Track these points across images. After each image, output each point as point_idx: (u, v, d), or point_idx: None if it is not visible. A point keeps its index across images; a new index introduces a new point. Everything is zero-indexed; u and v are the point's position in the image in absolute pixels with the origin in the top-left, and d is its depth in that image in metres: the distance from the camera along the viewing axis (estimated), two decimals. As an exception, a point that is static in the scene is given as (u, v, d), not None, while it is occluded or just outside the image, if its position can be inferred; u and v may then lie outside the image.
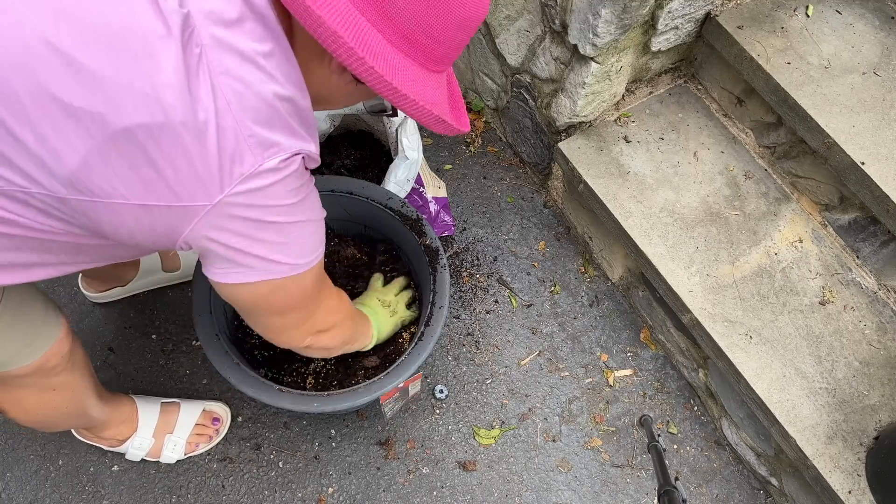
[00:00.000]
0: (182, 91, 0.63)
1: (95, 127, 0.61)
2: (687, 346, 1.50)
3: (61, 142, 0.62)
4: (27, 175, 0.63)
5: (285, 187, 0.73)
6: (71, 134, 0.61)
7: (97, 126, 0.61)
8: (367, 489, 1.39)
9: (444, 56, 0.78)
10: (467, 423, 1.48)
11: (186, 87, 0.63)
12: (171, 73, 0.62)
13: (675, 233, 1.41)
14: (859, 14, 1.45)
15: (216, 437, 1.39)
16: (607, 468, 1.46)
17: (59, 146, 0.62)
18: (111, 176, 0.64)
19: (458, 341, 1.56)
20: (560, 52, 1.40)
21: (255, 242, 0.75)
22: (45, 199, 0.66)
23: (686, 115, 1.55)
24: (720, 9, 1.39)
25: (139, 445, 1.32)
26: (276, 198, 0.73)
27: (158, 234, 0.71)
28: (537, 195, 1.77)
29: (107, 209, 0.67)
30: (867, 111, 1.32)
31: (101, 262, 0.85)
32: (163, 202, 0.67)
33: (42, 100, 0.60)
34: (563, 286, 1.66)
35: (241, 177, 0.68)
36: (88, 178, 0.64)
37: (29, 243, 0.72)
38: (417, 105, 0.75)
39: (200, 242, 0.72)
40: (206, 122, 0.64)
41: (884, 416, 1.26)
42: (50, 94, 0.60)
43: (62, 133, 0.61)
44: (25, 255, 0.73)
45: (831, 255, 1.41)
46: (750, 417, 1.39)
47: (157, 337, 1.51)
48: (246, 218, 0.71)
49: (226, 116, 0.65)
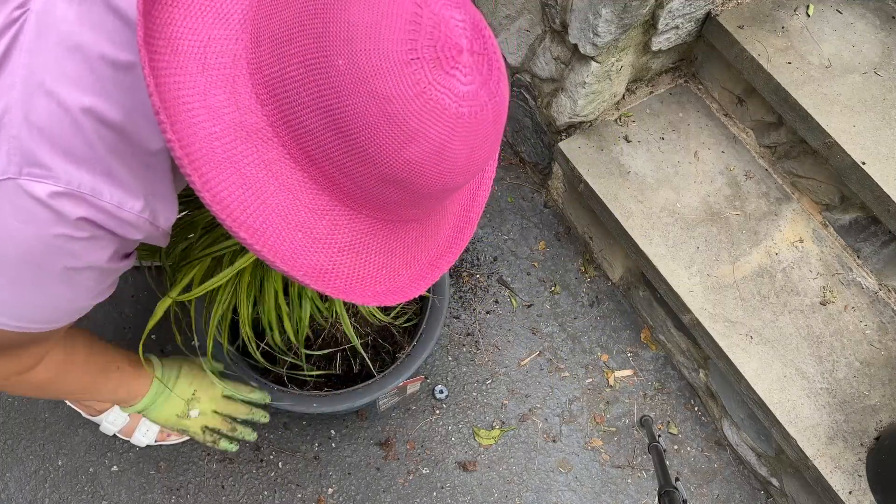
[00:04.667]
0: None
1: None
2: (687, 347, 1.50)
3: None
4: None
5: (37, 248, 0.53)
6: None
7: None
8: (366, 490, 1.39)
9: (366, 202, 0.54)
10: (467, 423, 1.47)
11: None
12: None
13: (675, 233, 1.41)
14: (860, 14, 1.44)
15: None
16: (608, 469, 1.46)
17: None
18: None
19: (458, 341, 1.56)
20: (560, 52, 1.40)
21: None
22: None
23: (686, 114, 1.54)
24: (721, 8, 1.39)
25: (113, 420, 1.31)
26: (4, 245, 0.53)
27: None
28: (537, 195, 1.77)
29: None
30: (868, 111, 1.31)
31: None
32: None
33: None
34: (563, 286, 1.65)
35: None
36: None
37: None
38: (251, 247, 0.51)
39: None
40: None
41: (884, 416, 1.26)
42: None
43: None
44: None
45: (832, 255, 1.41)
46: (750, 418, 1.38)
47: (157, 337, 1.50)
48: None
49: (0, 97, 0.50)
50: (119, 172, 0.54)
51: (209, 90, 0.49)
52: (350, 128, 0.48)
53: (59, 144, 0.51)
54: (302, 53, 0.48)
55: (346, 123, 0.48)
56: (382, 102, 0.47)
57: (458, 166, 0.52)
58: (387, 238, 0.58)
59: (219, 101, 0.49)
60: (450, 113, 0.49)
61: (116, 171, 0.54)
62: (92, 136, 0.52)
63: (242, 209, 0.50)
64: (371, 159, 0.49)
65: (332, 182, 0.52)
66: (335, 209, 0.53)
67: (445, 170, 0.52)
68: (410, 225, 0.60)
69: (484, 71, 0.51)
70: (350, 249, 0.56)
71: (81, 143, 0.52)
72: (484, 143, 0.53)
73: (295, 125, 0.50)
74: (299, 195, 0.52)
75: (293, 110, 0.49)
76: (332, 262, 0.55)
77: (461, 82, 0.49)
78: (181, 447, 1.39)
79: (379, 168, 0.50)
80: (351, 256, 0.56)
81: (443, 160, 0.51)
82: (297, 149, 0.50)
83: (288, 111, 0.49)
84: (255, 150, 0.50)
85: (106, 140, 0.53)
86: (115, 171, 0.54)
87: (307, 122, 0.49)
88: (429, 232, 0.64)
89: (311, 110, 0.48)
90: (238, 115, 0.49)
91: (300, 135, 0.50)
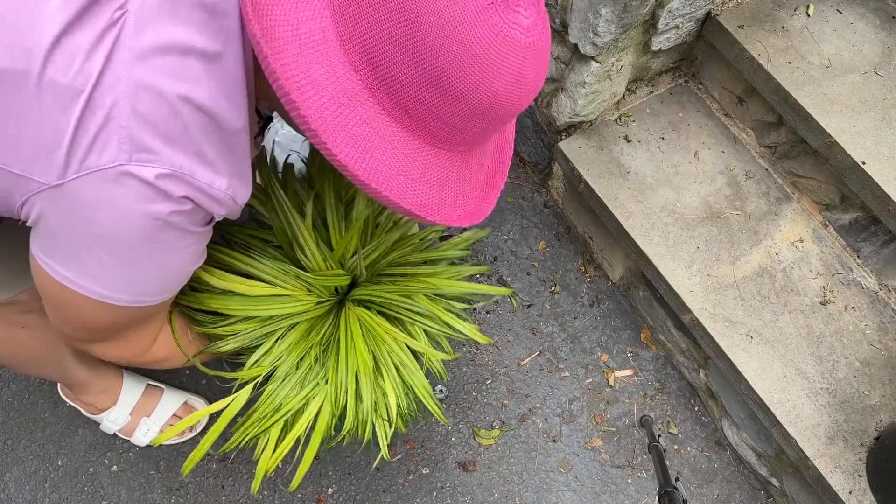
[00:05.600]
0: (70, 48, 0.54)
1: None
2: (688, 347, 1.50)
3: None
4: None
5: (150, 225, 0.60)
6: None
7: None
8: (366, 490, 1.39)
9: (450, 137, 0.64)
10: (467, 423, 1.47)
11: (77, 42, 0.54)
12: (57, 13, 0.53)
13: (675, 233, 1.41)
14: (860, 13, 1.44)
15: (189, 434, 1.39)
16: (608, 469, 1.46)
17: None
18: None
19: (458, 341, 1.56)
20: (560, 52, 1.40)
21: (72, 253, 0.63)
22: None
23: (687, 114, 1.54)
24: (721, 8, 1.39)
25: (114, 419, 1.32)
26: (122, 228, 0.60)
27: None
28: (537, 195, 1.77)
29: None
30: (868, 111, 1.31)
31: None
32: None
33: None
34: (563, 286, 1.65)
35: (94, 169, 0.57)
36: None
37: None
38: (358, 180, 0.61)
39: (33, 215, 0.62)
40: (79, 90, 0.55)
41: (884, 416, 1.26)
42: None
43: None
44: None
45: (832, 255, 1.41)
46: (751, 418, 1.38)
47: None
48: (73, 224, 0.60)
49: (106, 94, 0.55)
50: (208, 153, 0.61)
51: (310, 68, 0.56)
52: (443, 75, 0.57)
53: (161, 130, 0.57)
54: (391, 19, 0.56)
55: (439, 72, 0.57)
56: (470, 47, 0.56)
57: (529, 89, 0.62)
58: (460, 167, 0.69)
59: (319, 75, 0.57)
60: (521, 45, 0.58)
61: (206, 153, 0.61)
62: (188, 121, 0.59)
63: (360, 164, 0.60)
64: (463, 98, 0.59)
65: (422, 126, 0.61)
66: (423, 150, 0.64)
67: (521, 95, 0.61)
68: (474, 151, 0.70)
69: (534, 2, 0.60)
70: (437, 183, 0.66)
71: (179, 128, 0.58)
72: (545, 64, 0.63)
73: (390, 82, 0.58)
74: (396, 143, 0.61)
75: (388, 70, 0.58)
76: (427, 197, 0.66)
77: (524, 17, 0.58)
78: (181, 447, 1.39)
79: (469, 105, 0.59)
80: (438, 189, 0.67)
81: (519, 87, 0.60)
82: (392, 103, 0.59)
83: (383, 72, 0.58)
84: (357, 112, 0.59)
85: (199, 124, 0.60)
86: (205, 152, 0.61)
87: (402, 78, 0.58)
88: (483, 154, 0.74)
89: (405, 67, 0.57)
90: (338, 84, 0.58)
91: (395, 90, 0.59)
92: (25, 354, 1.07)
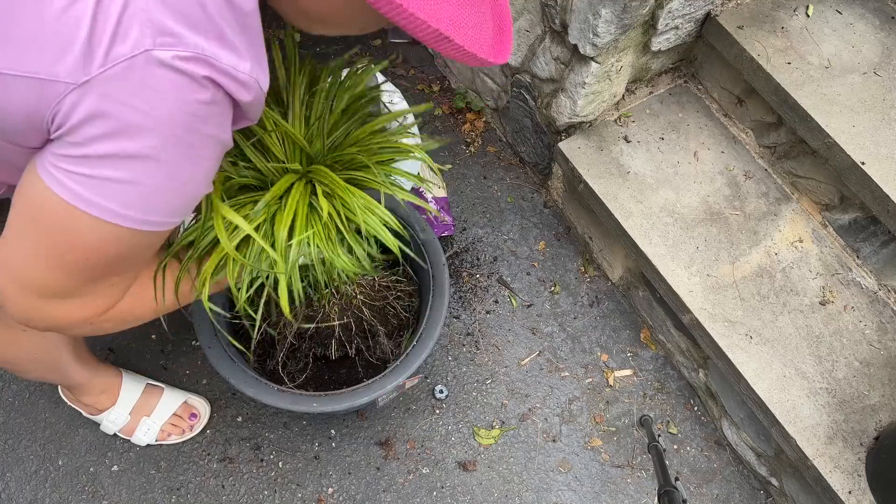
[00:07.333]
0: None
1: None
2: (687, 347, 1.50)
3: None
4: None
5: (180, 117, 0.58)
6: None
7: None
8: (366, 489, 1.39)
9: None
10: (467, 423, 1.48)
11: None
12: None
13: (675, 233, 1.41)
14: (859, 14, 1.45)
15: (189, 433, 1.40)
16: (607, 468, 1.46)
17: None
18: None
19: (458, 341, 1.56)
20: (560, 52, 1.40)
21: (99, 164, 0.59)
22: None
23: (686, 114, 1.55)
24: (720, 9, 1.39)
25: (114, 419, 1.32)
26: (153, 122, 0.57)
27: (18, 122, 0.58)
28: (537, 195, 1.77)
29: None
30: (867, 111, 1.32)
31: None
32: (13, 71, 0.55)
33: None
34: (563, 286, 1.65)
35: (121, 59, 0.54)
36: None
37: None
38: (430, 30, 0.60)
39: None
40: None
41: (884, 416, 1.26)
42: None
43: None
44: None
45: (831, 255, 1.41)
46: (750, 418, 1.39)
47: (157, 337, 1.51)
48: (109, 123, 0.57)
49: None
50: (228, 35, 0.60)
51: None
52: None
53: (181, 13, 0.56)
54: None
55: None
56: None
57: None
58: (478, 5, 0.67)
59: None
60: None
61: (226, 35, 0.59)
62: (205, 2, 0.57)
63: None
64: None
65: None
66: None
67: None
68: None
69: None
70: (459, 25, 0.64)
71: (198, 10, 0.57)
72: None
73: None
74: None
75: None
76: (458, 13, 0.64)
77: None
78: (181, 447, 1.40)
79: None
80: (463, 31, 0.65)
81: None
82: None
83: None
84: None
85: (216, 4, 0.58)
86: (224, 34, 0.59)
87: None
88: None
89: None
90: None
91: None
92: (25, 357, 1.08)
